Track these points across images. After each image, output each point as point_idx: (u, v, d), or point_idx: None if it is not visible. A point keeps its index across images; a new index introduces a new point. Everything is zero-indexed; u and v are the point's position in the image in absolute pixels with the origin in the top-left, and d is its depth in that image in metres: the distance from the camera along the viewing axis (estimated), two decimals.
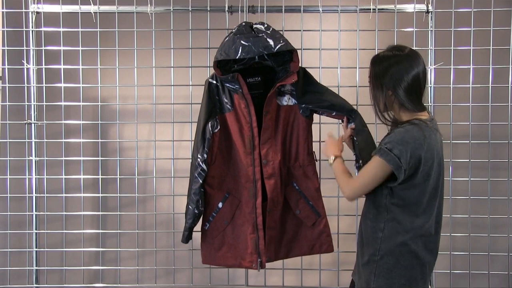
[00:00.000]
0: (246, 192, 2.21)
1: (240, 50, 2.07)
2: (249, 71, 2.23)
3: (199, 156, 2.19)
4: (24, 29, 2.60)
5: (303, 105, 2.22)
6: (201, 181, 2.20)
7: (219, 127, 2.21)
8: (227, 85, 2.17)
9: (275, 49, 2.08)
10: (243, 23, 2.16)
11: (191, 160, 2.24)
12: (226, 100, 2.20)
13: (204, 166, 2.19)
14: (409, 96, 1.77)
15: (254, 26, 2.14)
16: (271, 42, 2.08)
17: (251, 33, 2.10)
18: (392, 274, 1.79)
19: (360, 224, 1.96)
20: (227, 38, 2.12)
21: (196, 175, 2.20)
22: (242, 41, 2.06)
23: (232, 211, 2.25)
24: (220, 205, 2.25)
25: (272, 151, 2.20)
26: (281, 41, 2.10)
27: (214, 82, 2.21)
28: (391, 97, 1.79)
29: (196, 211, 2.23)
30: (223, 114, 2.22)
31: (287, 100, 2.22)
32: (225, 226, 2.26)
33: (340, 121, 2.24)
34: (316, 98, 2.21)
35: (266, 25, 2.15)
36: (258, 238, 2.20)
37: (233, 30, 2.14)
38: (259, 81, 2.23)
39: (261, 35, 2.09)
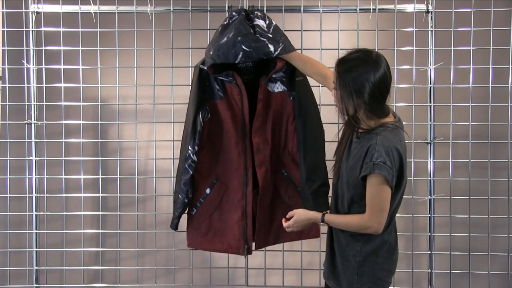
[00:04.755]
0: (236, 180, 2.22)
1: (240, 55, 2.02)
2: None
3: (189, 148, 2.17)
4: (24, 29, 2.60)
5: (293, 92, 2.20)
6: (191, 172, 2.19)
7: (209, 115, 2.20)
8: (221, 77, 2.14)
9: (274, 55, 2.05)
10: (237, 16, 2.08)
11: (180, 149, 2.25)
12: (217, 87, 2.18)
13: (194, 158, 2.18)
14: (378, 104, 1.73)
15: (256, 22, 2.08)
16: (271, 48, 2.05)
17: (252, 35, 2.03)
18: (374, 270, 1.82)
19: (333, 229, 1.91)
20: (225, 39, 2.03)
21: (186, 166, 2.19)
22: (243, 46, 2.01)
23: (220, 197, 2.26)
24: (207, 191, 2.26)
25: (264, 139, 2.20)
26: (280, 44, 2.07)
27: (205, 68, 2.16)
28: (361, 105, 1.71)
29: (186, 200, 2.25)
30: (214, 101, 2.19)
31: (278, 87, 2.20)
32: (212, 212, 2.27)
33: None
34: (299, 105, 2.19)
35: (268, 22, 2.09)
36: (246, 225, 2.23)
37: (229, 22, 2.07)
38: (250, 66, 2.19)
39: (263, 39, 2.04)
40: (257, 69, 2.20)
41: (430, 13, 2.53)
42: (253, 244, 2.29)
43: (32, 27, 2.59)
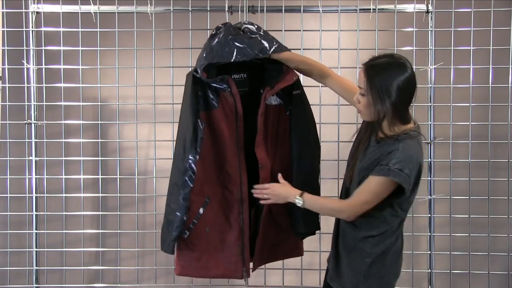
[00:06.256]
0: (231, 197, 2.07)
1: (235, 53, 1.94)
2: (234, 66, 2.07)
3: (190, 157, 2.00)
4: (24, 29, 2.60)
5: (290, 107, 2.12)
6: (191, 185, 2.02)
7: (203, 126, 2.04)
8: (214, 84, 2.00)
9: (270, 52, 1.98)
10: (223, 27, 2.02)
11: (174, 162, 2.07)
12: (211, 96, 2.01)
13: (195, 168, 2.01)
14: (405, 107, 1.74)
15: (244, 26, 2.03)
16: (266, 44, 1.98)
17: (244, 34, 1.99)
18: (381, 273, 1.82)
19: (341, 228, 1.93)
20: (216, 40, 1.98)
21: (186, 178, 2.01)
22: (236, 43, 1.94)
23: (214, 217, 2.08)
24: (201, 211, 2.06)
25: (266, 154, 2.08)
26: (274, 43, 2.01)
27: (198, 75, 1.99)
28: (390, 108, 1.70)
29: (185, 217, 2.05)
30: (208, 112, 2.02)
31: (274, 100, 2.10)
32: (206, 234, 2.09)
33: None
34: (296, 116, 2.10)
35: (256, 26, 2.05)
36: (243, 245, 2.08)
37: (217, 32, 2.01)
38: (244, 78, 2.10)
39: (255, 36, 1.99)
40: (252, 81, 2.12)
41: (430, 13, 2.53)
42: (251, 264, 2.17)
43: (32, 27, 2.59)
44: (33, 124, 2.63)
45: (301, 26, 2.53)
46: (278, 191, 1.95)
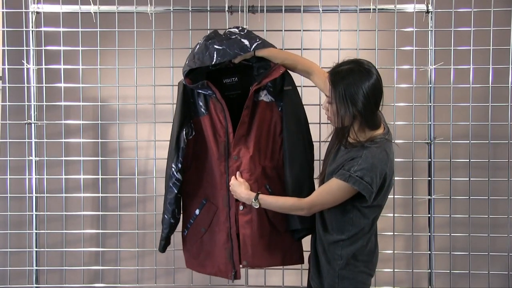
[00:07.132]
0: (221, 200, 2.11)
1: (215, 55, 1.97)
2: (225, 71, 2.13)
3: (173, 166, 2.09)
4: (24, 29, 2.60)
5: (281, 103, 2.09)
6: (176, 191, 2.11)
7: (193, 133, 2.12)
8: (200, 91, 2.06)
9: (252, 48, 2.00)
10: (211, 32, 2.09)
11: (166, 168, 2.15)
12: (200, 104, 2.09)
13: (178, 176, 2.10)
14: (372, 113, 1.73)
15: (227, 30, 2.07)
16: (246, 42, 2.01)
17: (223, 36, 2.03)
18: (354, 274, 1.86)
19: (316, 230, 1.97)
20: (197, 47, 2.03)
21: (171, 185, 2.11)
22: (215, 46, 1.98)
23: (209, 218, 2.15)
24: (197, 212, 2.16)
25: (245, 147, 2.07)
26: (257, 40, 2.03)
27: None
28: (356, 116, 1.72)
29: (172, 220, 2.16)
30: (198, 118, 2.10)
31: (264, 97, 2.09)
32: (202, 233, 2.17)
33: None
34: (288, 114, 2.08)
35: (240, 28, 2.08)
36: (232, 248, 2.11)
37: (200, 41, 2.06)
38: (236, 81, 2.13)
39: (234, 36, 2.02)
40: (244, 83, 2.13)
41: (430, 13, 2.53)
42: (242, 265, 2.14)
43: (32, 27, 2.59)
44: (33, 124, 2.63)
45: (301, 26, 2.53)
46: (235, 190, 2.00)
